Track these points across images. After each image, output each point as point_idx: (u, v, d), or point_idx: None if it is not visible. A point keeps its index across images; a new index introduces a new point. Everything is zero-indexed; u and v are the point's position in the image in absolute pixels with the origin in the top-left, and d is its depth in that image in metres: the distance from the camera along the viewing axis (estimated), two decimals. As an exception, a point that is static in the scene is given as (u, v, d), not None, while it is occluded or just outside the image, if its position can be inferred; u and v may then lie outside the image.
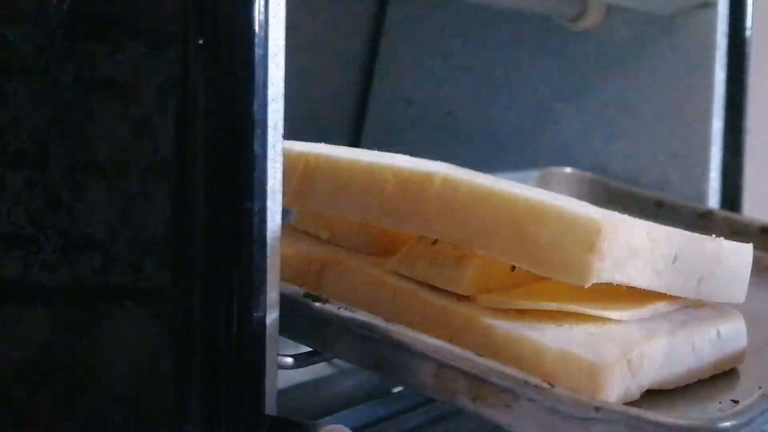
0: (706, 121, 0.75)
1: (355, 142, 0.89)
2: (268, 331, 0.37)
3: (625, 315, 0.40)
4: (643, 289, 0.40)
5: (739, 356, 0.44)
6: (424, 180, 0.42)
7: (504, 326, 0.39)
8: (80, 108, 0.39)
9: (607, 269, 0.37)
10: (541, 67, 0.82)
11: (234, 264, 0.37)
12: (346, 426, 0.38)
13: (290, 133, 0.40)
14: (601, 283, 0.38)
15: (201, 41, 0.36)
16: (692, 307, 0.43)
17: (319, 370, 0.53)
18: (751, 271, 0.45)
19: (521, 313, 0.40)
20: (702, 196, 0.75)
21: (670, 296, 0.42)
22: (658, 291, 0.41)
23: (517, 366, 0.37)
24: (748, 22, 0.76)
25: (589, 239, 0.37)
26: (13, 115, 0.41)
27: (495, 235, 0.39)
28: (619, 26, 0.78)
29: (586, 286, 0.37)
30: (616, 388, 0.37)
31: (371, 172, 0.44)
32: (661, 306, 0.42)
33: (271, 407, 0.38)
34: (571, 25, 0.78)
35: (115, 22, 0.39)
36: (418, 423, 0.51)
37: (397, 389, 0.53)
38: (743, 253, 0.44)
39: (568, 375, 0.37)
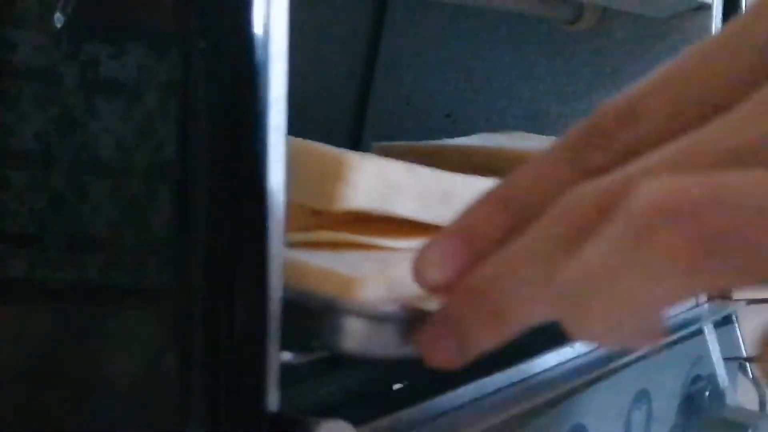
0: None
1: (355, 142, 0.90)
2: (270, 328, 0.38)
3: (399, 243, 0.44)
4: (427, 223, 0.45)
5: None
6: None
7: (297, 257, 0.42)
8: (84, 109, 0.40)
9: (360, 196, 0.42)
10: (539, 69, 0.82)
11: (236, 263, 0.37)
12: (347, 422, 0.38)
13: (290, 134, 0.40)
14: (390, 221, 0.43)
15: (203, 43, 0.37)
16: None
17: (319, 367, 0.53)
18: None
19: (322, 248, 0.44)
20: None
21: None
22: (434, 224, 0.45)
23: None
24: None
25: (338, 170, 0.43)
26: (18, 116, 0.41)
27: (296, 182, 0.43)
28: (615, 29, 0.78)
29: (337, 210, 0.42)
30: (371, 300, 0.39)
31: None
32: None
33: (272, 404, 0.38)
34: (567, 28, 0.79)
35: (119, 24, 0.39)
36: (418, 419, 0.51)
37: (397, 385, 0.54)
38: None
39: (328, 291, 0.39)
